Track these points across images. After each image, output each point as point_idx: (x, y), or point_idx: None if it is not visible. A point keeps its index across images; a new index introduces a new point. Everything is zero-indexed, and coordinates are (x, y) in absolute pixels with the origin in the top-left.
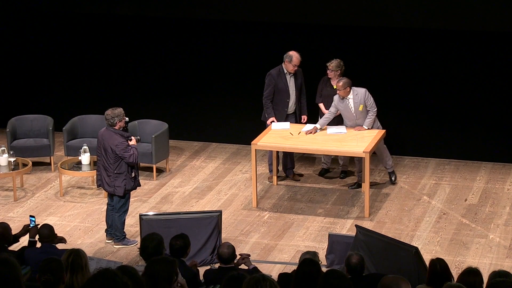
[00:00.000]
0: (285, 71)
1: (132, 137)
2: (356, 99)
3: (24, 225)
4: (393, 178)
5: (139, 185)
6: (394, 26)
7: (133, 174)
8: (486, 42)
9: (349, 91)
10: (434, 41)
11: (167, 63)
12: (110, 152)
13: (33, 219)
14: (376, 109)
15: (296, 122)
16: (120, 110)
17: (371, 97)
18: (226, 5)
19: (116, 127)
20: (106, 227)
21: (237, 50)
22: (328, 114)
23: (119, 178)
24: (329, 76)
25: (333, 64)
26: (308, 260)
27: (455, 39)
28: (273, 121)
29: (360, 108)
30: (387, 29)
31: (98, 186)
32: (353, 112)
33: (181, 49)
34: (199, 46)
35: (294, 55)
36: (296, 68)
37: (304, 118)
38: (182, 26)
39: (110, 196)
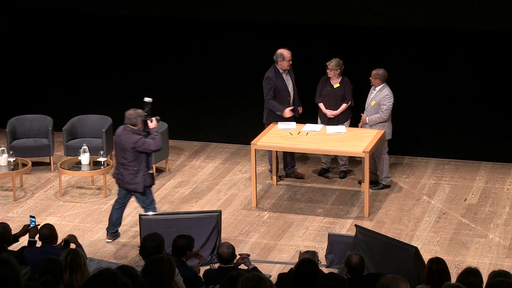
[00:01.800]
0: (281, 71)
1: (153, 118)
2: (377, 95)
3: (24, 225)
4: (380, 186)
5: (154, 183)
6: (394, 26)
7: (150, 171)
8: (486, 42)
9: (379, 83)
10: (434, 41)
11: (167, 63)
12: (128, 150)
13: (33, 219)
14: (385, 116)
15: (295, 117)
16: (141, 111)
17: (389, 105)
18: (226, 5)
19: (137, 127)
20: (107, 225)
21: (237, 50)
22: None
23: (138, 175)
24: (329, 75)
25: (332, 63)
26: (306, 260)
27: (455, 39)
28: (290, 111)
29: (372, 103)
30: (387, 29)
31: (118, 184)
32: (368, 102)
33: (181, 49)
34: (199, 46)
35: (284, 52)
36: (290, 63)
37: (300, 109)
38: (182, 26)
39: (124, 194)
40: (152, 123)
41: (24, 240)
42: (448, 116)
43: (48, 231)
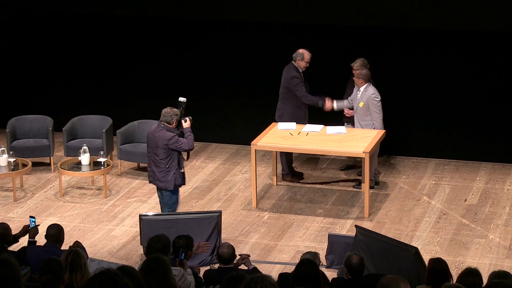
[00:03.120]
0: (300, 70)
1: (187, 118)
2: (363, 95)
3: (24, 226)
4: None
5: (184, 183)
6: (394, 26)
7: (182, 170)
8: (486, 42)
9: (362, 83)
10: (434, 41)
11: (167, 63)
12: (161, 147)
13: (33, 219)
14: (378, 115)
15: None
16: (176, 110)
17: (376, 105)
18: (226, 5)
19: (172, 126)
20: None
21: (237, 50)
22: (348, 99)
23: (170, 173)
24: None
25: (356, 64)
26: (306, 261)
27: (455, 39)
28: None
29: (361, 104)
30: (387, 29)
31: (150, 182)
32: (356, 104)
33: (181, 49)
34: (199, 46)
35: (305, 53)
36: (308, 65)
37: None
38: (182, 26)
39: (161, 193)
40: (186, 123)
41: (24, 241)
42: (448, 116)
43: (55, 231)
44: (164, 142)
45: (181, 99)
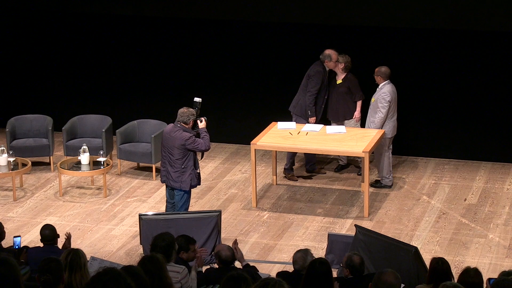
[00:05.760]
0: (327, 69)
1: (202, 118)
2: (377, 92)
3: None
4: (380, 184)
5: (200, 184)
6: (394, 26)
7: (198, 170)
8: (486, 42)
9: (381, 80)
10: (434, 41)
11: (167, 63)
12: (177, 147)
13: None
14: (383, 115)
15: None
16: (193, 110)
17: (384, 104)
18: (226, 5)
19: (188, 126)
20: None
21: (237, 50)
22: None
23: (185, 173)
24: (334, 68)
25: (340, 58)
26: (318, 261)
27: (455, 39)
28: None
29: (372, 100)
30: (387, 29)
31: (163, 182)
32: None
33: (181, 49)
34: (199, 46)
35: (332, 53)
36: (336, 65)
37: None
38: (182, 26)
39: (171, 194)
40: (202, 123)
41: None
42: (448, 116)
43: (49, 232)
44: (181, 143)
45: (196, 99)
